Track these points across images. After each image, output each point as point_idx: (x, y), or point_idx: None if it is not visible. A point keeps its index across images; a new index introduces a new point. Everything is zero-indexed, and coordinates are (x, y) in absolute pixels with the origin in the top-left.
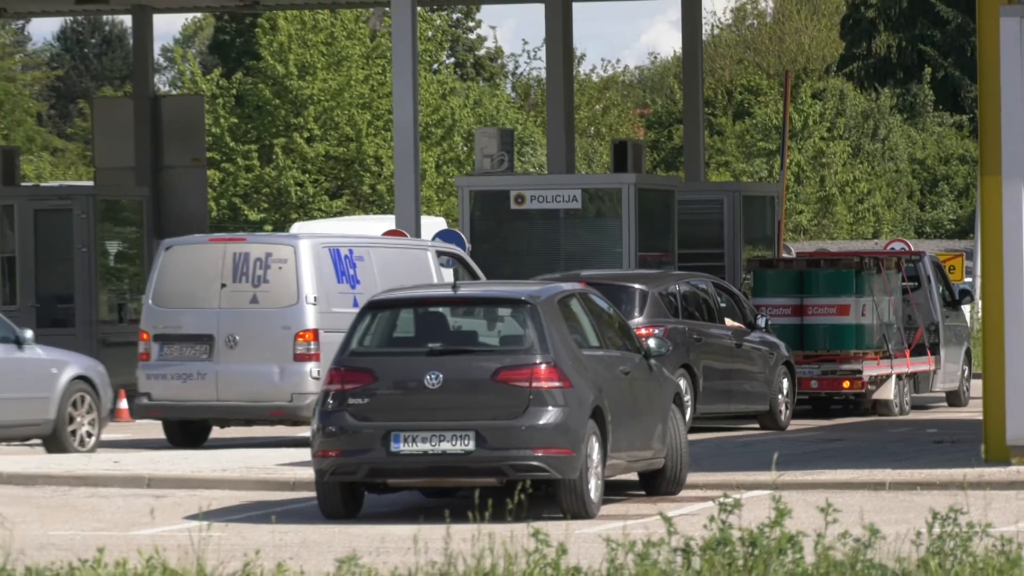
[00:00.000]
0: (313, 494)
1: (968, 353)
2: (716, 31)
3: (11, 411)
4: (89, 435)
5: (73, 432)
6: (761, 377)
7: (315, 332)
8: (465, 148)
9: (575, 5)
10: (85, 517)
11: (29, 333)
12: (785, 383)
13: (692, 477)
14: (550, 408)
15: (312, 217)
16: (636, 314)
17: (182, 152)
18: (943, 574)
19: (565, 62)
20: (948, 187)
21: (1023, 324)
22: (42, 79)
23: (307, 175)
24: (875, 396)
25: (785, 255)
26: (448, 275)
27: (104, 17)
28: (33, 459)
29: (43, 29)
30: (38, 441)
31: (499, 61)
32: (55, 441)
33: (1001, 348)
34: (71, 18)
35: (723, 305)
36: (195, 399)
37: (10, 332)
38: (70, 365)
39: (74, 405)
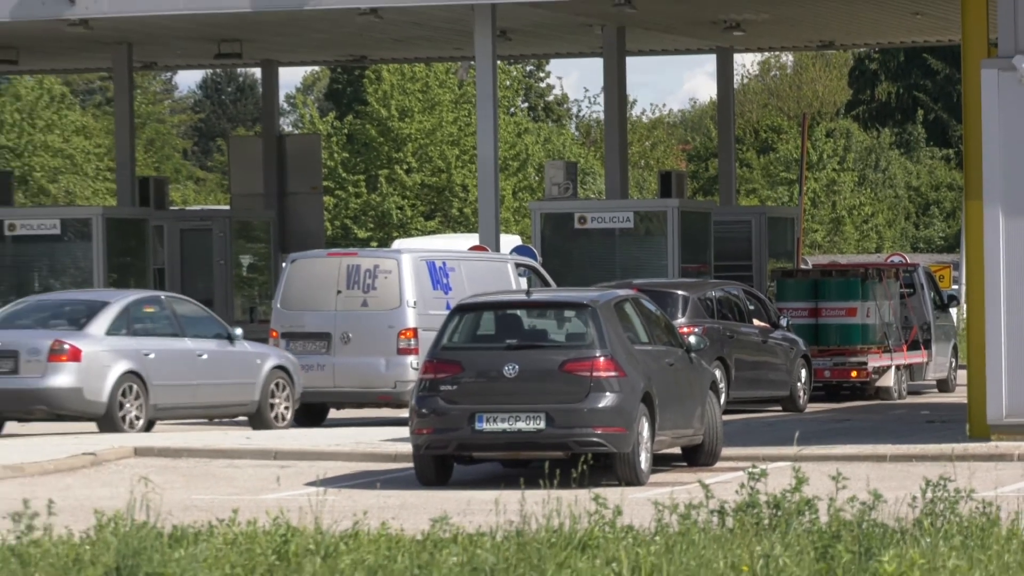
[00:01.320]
0: (411, 465)
1: (955, 348)
2: (745, 80)
3: (225, 394)
4: (284, 415)
5: (275, 410)
6: (783, 368)
7: (414, 330)
8: (536, 178)
9: (628, 59)
10: (222, 484)
11: (239, 331)
12: (803, 373)
13: (726, 451)
14: (607, 394)
15: (410, 235)
16: (679, 315)
17: (302, 181)
18: (934, 532)
19: (620, 106)
20: (938, 210)
21: (1000, 324)
22: (187, 121)
23: (406, 200)
24: (878, 384)
25: (803, 267)
26: (523, 283)
27: (238, 69)
28: (179, 435)
29: (187, 79)
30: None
31: (565, 105)
32: (259, 418)
33: (982, 344)
34: (211, 70)
35: (751, 308)
36: (316, 386)
37: (224, 330)
38: (270, 357)
39: (273, 390)
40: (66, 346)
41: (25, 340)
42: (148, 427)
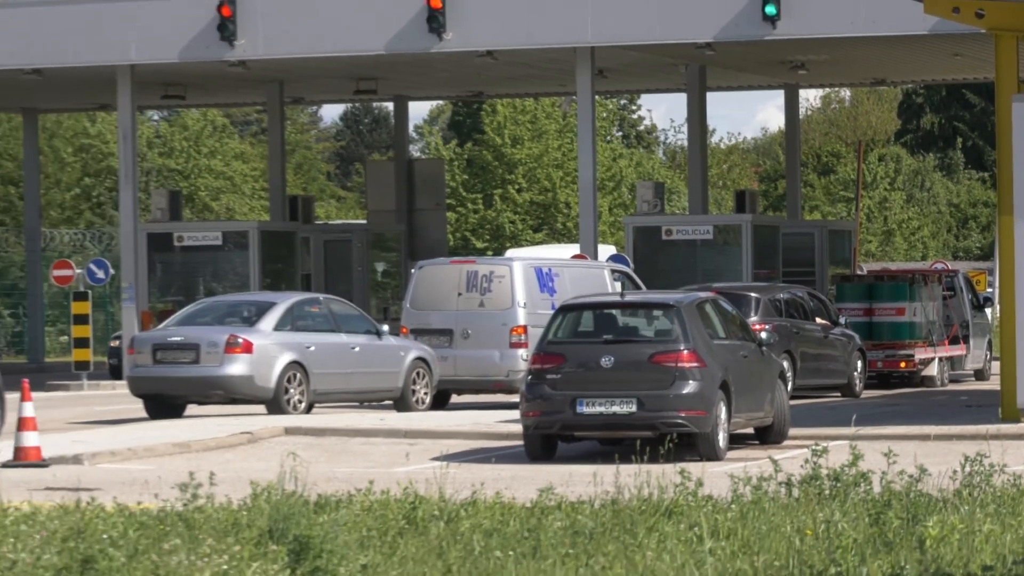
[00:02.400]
0: (521, 443)
1: (989, 342)
2: (809, 112)
3: (375, 381)
4: (424, 400)
5: (415, 395)
6: (842, 359)
7: (524, 327)
8: (629, 196)
9: (708, 94)
10: (359, 459)
11: (386, 327)
12: (859, 363)
13: (792, 431)
14: (690, 382)
15: (521, 245)
16: (752, 314)
17: (428, 199)
18: (972, 501)
19: (701, 135)
20: (975, 224)
21: None
22: (330, 147)
23: (517, 215)
24: (923, 373)
25: (858, 272)
26: (618, 286)
27: (374, 103)
28: (324, 417)
29: (330, 112)
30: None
31: (653, 134)
32: (402, 402)
33: (1013, 338)
34: (350, 104)
35: (814, 307)
36: (440, 375)
37: (372, 327)
38: (412, 350)
39: (415, 378)
40: (240, 340)
41: (205, 335)
42: (308, 409)
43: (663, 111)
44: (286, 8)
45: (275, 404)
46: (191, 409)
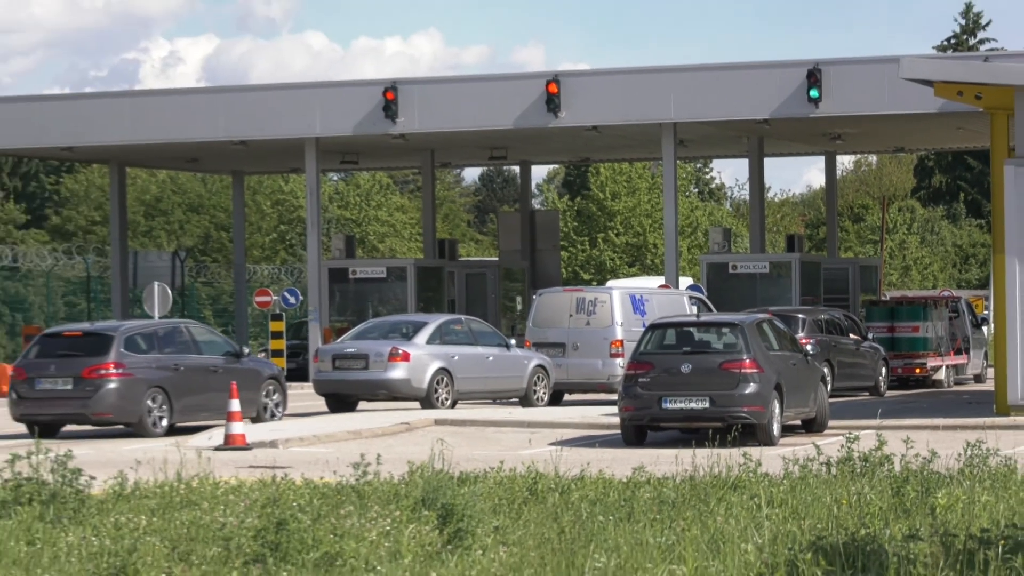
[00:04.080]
0: (618, 431)
1: (986, 353)
2: (844, 173)
3: (505, 383)
4: (543, 398)
5: (536, 394)
6: (870, 366)
7: (621, 341)
8: (703, 239)
9: (765, 159)
10: (492, 444)
11: (513, 341)
12: (883, 370)
13: (831, 423)
14: (751, 384)
15: (618, 277)
16: (799, 331)
17: (546, 241)
18: (972, 477)
19: (759, 190)
20: (974, 260)
21: (1016, 337)
22: (470, 201)
23: (615, 254)
24: (934, 377)
25: (883, 298)
26: (694, 310)
27: (504, 167)
28: (466, 410)
29: (470, 173)
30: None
31: (722, 190)
32: (526, 400)
33: (1004, 351)
34: (485, 167)
35: (848, 326)
36: (555, 379)
37: (503, 341)
38: (534, 359)
39: (535, 381)
40: (400, 351)
41: (372, 347)
42: (453, 405)
43: (730, 172)
44: (436, 94)
45: (427, 401)
46: (362, 405)
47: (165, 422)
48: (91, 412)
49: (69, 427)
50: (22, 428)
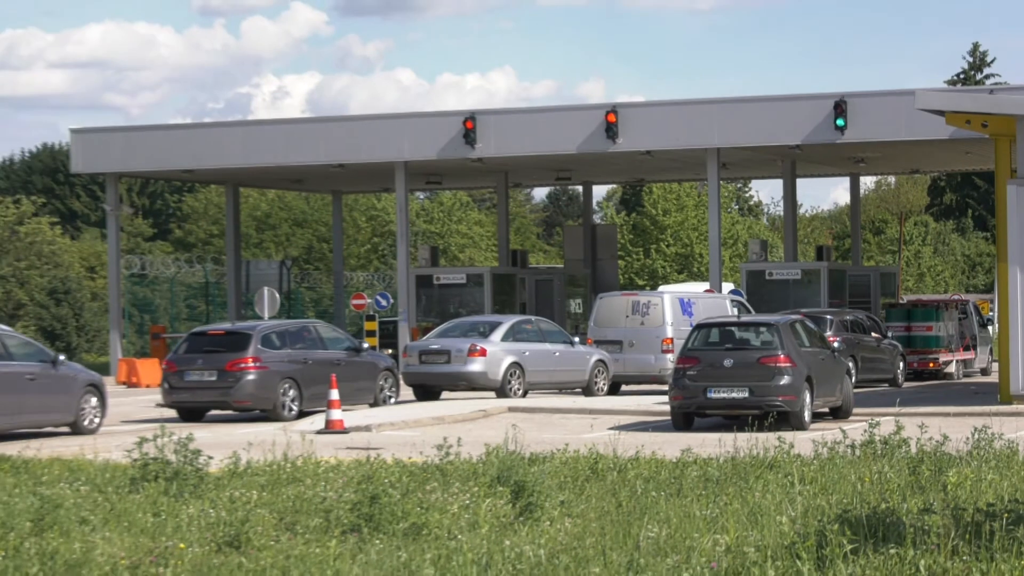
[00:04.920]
0: (668, 417)
1: (991, 349)
2: (866, 191)
3: (569, 375)
4: (603, 388)
5: (597, 385)
6: (890, 361)
7: (671, 339)
8: (743, 249)
9: (798, 180)
10: (558, 429)
11: (577, 339)
12: (901, 364)
13: (855, 410)
14: (785, 376)
15: (669, 283)
16: (827, 330)
17: (606, 252)
18: (979, 458)
19: (792, 207)
20: (980, 268)
21: (1018, 335)
22: (539, 216)
23: (666, 263)
24: (945, 371)
25: (900, 301)
26: (735, 311)
27: (568, 187)
28: (535, 399)
29: (539, 192)
30: (578, 391)
31: (760, 206)
32: (588, 390)
33: (1007, 348)
34: (552, 187)
35: (870, 325)
36: (614, 372)
37: (568, 339)
38: (595, 354)
39: (596, 373)
40: (478, 347)
41: (453, 344)
42: (524, 394)
43: (766, 191)
44: (509, 123)
45: (501, 391)
46: (445, 394)
47: (296, 408)
48: (232, 400)
49: (213, 412)
50: (173, 413)
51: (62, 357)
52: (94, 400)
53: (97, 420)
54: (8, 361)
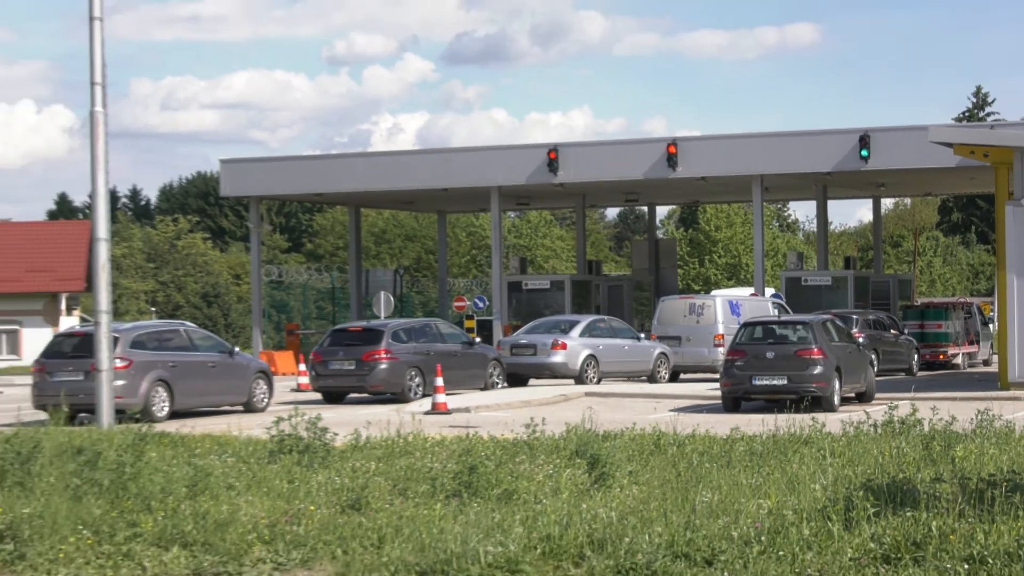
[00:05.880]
0: (719, 401)
1: (991, 344)
2: (886, 211)
3: (636, 366)
4: (664, 377)
5: (659, 374)
6: (906, 354)
7: (722, 335)
8: (783, 259)
9: (829, 201)
10: (627, 410)
11: (642, 334)
12: (915, 356)
13: (877, 395)
14: (819, 366)
15: (720, 288)
16: (853, 327)
17: (667, 261)
18: (982, 435)
19: (823, 224)
20: (983, 275)
21: (1015, 331)
22: (610, 232)
23: (718, 271)
24: (953, 362)
25: (915, 303)
26: (776, 312)
27: (635, 207)
28: (607, 386)
29: (612, 212)
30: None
31: (797, 224)
32: (652, 378)
33: (1005, 342)
34: (622, 207)
35: (889, 324)
36: (674, 362)
37: (635, 335)
38: (658, 347)
39: (659, 364)
40: (559, 342)
41: (539, 339)
42: (599, 382)
43: (802, 211)
44: (586, 154)
45: (579, 379)
46: (531, 381)
47: (420, 392)
48: (368, 385)
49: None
50: (308, 396)
51: (237, 349)
52: (263, 384)
53: (266, 400)
54: (194, 352)
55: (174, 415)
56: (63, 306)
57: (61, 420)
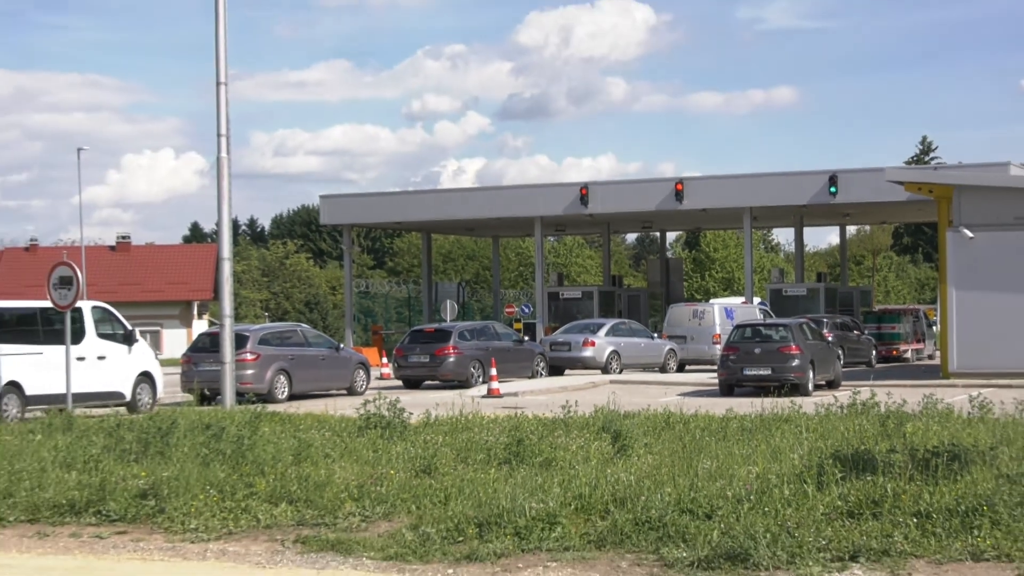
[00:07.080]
0: (717, 387)
1: (934, 342)
2: (850, 236)
3: (650, 359)
4: (672, 368)
5: (669, 366)
6: (866, 350)
7: (719, 335)
8: (767, 274)
9: (804, 228)
10: (640, 395)
11: (655, 334)
12: (873, 352)
13: (843, 383)
14: (796, 360)
15: (717, 297)
16: (824, 329)
17: (675, 276)
18: (927, 415)
19: (800, 246)
20: (928, 288)
21: (953, 331)
22: (629, 252)
23: (716, 284)
24: (904, 356)
25: (874, 310)
26: (762, 317)
27: (649, 232)
28: (627, 375)
29: (630, 237)
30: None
31: (779, 246)
32: (663, 369)
33: (945, 340)
34: (639, 233)
35: (853, 326)
36: (681, 357)
37: (649, 334)
38: (668, 344)
39: (668, 356)
40: (589, 340)
41: (573, 338)
42: (620, 372)
43: (784, 235)
44: (611, 190)
45: (605, 369)
46: (567, 371)
47: (480, 380)
48: (439, 374)
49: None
50: (390, 383)
51: (342, 345)
52: (363, 373)
53: (364, 385)
54: (308, 348)
55: (292, 397)
56: (195, 312)
57: (195, 402)
